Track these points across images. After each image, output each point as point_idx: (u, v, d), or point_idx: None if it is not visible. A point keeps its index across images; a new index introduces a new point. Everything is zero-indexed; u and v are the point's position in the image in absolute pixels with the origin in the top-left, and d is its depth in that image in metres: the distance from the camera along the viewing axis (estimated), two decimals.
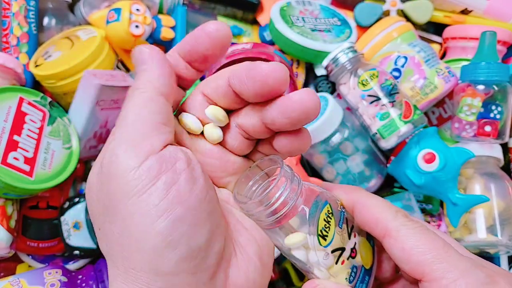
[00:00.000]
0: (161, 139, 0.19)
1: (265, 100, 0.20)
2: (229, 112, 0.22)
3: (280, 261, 0.53)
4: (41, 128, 0.42)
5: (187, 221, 0.18)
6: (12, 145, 0.39)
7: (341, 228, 0.22)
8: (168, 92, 0.20)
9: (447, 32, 0.52)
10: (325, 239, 0.21)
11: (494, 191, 0.45)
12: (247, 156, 0.23)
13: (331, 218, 0.22)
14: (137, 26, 0.45)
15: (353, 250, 0.22)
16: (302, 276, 0.53)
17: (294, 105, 0.19)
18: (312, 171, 0.49)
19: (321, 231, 0.21)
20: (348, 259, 0.22)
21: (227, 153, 0.22)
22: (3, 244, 0.41)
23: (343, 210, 0.23)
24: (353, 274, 0.22)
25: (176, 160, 0.19)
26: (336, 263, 0.21)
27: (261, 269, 0.21)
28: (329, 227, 0.21)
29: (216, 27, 0.20)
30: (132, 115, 0.19)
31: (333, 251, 0.21)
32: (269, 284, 0.49)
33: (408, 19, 0.51)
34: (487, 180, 0.45)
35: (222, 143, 0.22)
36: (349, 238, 0.22)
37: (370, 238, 0.24)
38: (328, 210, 0.22)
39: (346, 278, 0.22)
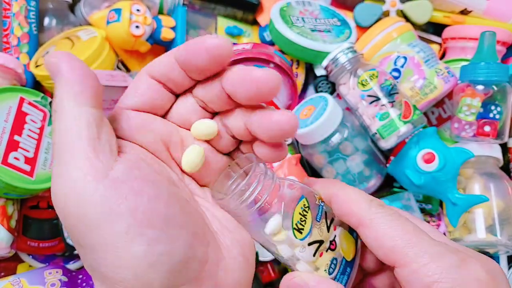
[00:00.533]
0: (103, 159, 0.17)
1: (255, 103, 0.20)
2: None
3: (280, 261, 0.53)
4: (41, 128, 0.42)
5: (162, 240, 0.17)
6: (12, 145, 0.39)
7: (318, 221, 0.23)
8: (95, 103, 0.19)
9: (446, 33, 0.52)
10: (301, 232, 0.22)
11: (494, 191, 0.45)
12: (229, 154, 0.23)
13: (307, 212, 0.22)
14: (137, 27, 0.46)
15: (332, 242, 0.23)
16: None
17: (272, 125, 0.19)
18: (312, 171, 0.49)
19: (296, 224, 0.22)
20: (327, 251, 0.22)
21: (213, 151, 0.22)
22: (4, 244, 0.41)
23: (322, 204, 0.23)
24: (332, 266, 0.22)
25: (133, 180, 0.17)
26: (314, 255, 0.22)
27: (247, 267, 0.21)
28: (305, 220, 0.22)
29: (217, 44, 0.19)
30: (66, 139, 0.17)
31: (310, 244, 0.22)
32: (269, 284, 0.49)
33: (407, 19, 0.51)
34: (486, 180, 0.45)
35: (209, 142, 0.22)
36: (328, 231, 0.23)
37: (352, 230, 0.24)
38: (304, 204, 0.22)
39: (326, 270, 0.22)
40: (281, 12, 0.49)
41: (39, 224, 0.44)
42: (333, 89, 0.50)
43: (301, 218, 0.22)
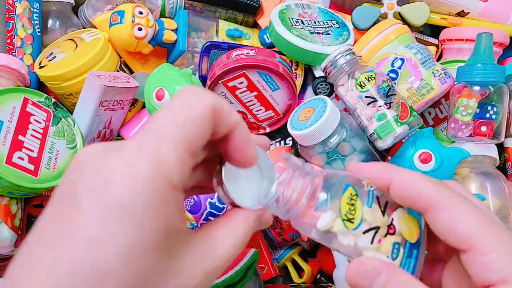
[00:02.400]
0: None
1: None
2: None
3: (280, 259, 0.53)
4: (45, 128, 0.42)
5: None
6: (17, 145, 0.39)
7: (370, 207, 0.22)
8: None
9: (443, 34, 0.53)
10: (352, 222, 0.21)
11: (490, 190, 0.45)
12: None
13: (355, 200, 0.22)
14: (140, 29, 0.46)
15: (390, 226, 0.22)
16: (301, 273, 0.54)
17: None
18: None
19: (345, 215, 0.21)
20: (385, 236, 0.21)
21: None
22: (8, 243, 0.41)
23: (372, 189, 0.22)
24: (395, 250, 0.21)
25: None
26: (372, 242, 0.21)
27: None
28: (354, 209, 0.21)
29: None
30: None
31: (365, 232, 0.21)
32: (269, 281, 0.49)
33: (405, 21, 0.52)
34: (483, 179, 0.46)
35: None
36: (384, 215, 0.22)
37: (413, 210, 0.22)
38: (351, 193, 0.22)
39: (388, 256, 0.21)
40: (280, 14, 0.49)
41: None
42: (331, 90, 0.50)
43: (349, 208, 0.21)
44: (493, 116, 0.44)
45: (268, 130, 0.50)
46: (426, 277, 0.24)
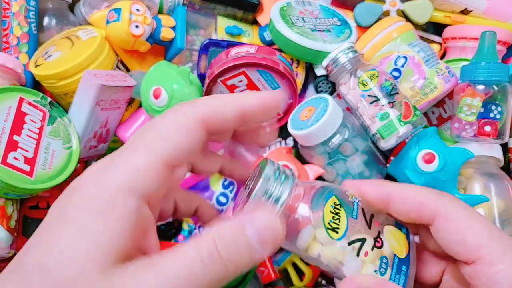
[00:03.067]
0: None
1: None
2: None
3: (280, 262, 0.53)
4: (41, 128, 0.42)
5: None
6: (12, 145, 0.39)
7: (356, 218, 0.21)
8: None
9: (447, 32, 0.52)
10: (337, 232, 0.20)
11: (494, 191, 0.45)
12: None
13: (339, 210, 0.20)
14: (137, 26, 0.45)
15: (377, 239, 0.20)
16: (302, 277, 0.53)
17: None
18: None
19: (329, 224, 0.20)
20: (372, 249, 0.20)
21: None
22: (3, 244, 0.41)
23: (357, 201, 0.21)
24: (383, 265, 0.20)
25: None
26: (358, 255, 0.20)
27: None
28: (338, 218, 0.20)
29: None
30: None
31: (350, 243, 0.20)
32: (269, 284, 0.49)
33: (407, 19, 0.51)
34: (487, 180, 0.45)
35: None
36: (370, 228, 0.21)
37: (400, 226, 0.22)
38: (335, 202, 0.21)
39: (376, 271, 0.20)
40: (281, 12, 0.49)
41: (39, 224, 0.44)
42: (333, 89, 0.50)
43: (333, 217, 0.20)
44: (497, 116, 0.44)
45: (268, 130, 0.50)
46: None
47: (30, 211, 0.45)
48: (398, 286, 0.20)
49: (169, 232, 0.46)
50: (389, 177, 0.47)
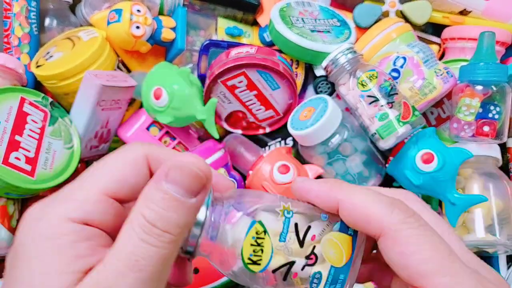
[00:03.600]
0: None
1: None
2: None
3: None
4: (42, 128, 0.42)
5: None
6: (13, 145, 0.39)
7: (284, 241, 0.19)
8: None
9: (445, 33, 0.52)
10: (259, 264, 0.19)
11: (493, 191, 0.45)
12: None
13: (263, 238, 0.19)
14: (137, 27, 0.46)
15: (310, 256, 0.20)
16: None
17: None
18: None
19: (249, 258, 0.19)
20: (303, 269, 0.20)
21: None
22: (4, 244, 0.41)
23: (289, 216, 0.20)
24: (315, 281, 0.20)
25: None
26: (285, 279, 0.19)
27: None
28: (261, 249, 0.19)
29: None
30: None
31: (275, 271, 0.19)
32: None
33: (407, 20, 0.51)
34: (485, 180, 0.45)
35: None
36: (302, 246, 0.20)
37: (346, 226, 0.20)
38: (257, 231, 0.19)
39: None
40: (280, 12, 0.49)
41: None
42: (332, 89, 0.50)
43: (254, 250, 0.19)
44: (496, 116, 0.44)
45: (268, 130, 0.50)
46: (378, 280, 0.23)
47: None
48: None
49: None
50: (389, 177, 0.48)
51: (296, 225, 0.20)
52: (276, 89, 0.46)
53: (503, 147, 0.49)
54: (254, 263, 0.19)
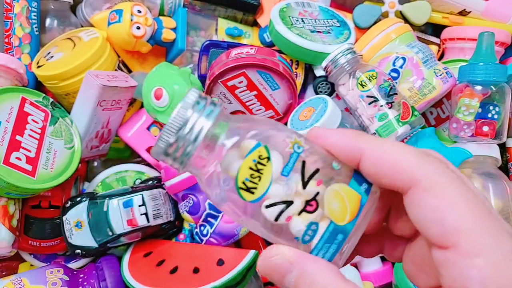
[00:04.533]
0: None
1: None
2: None
3: None
4: (43, 128, 0.42)
5: None
6: (14, 145, 0.39)
7: (286, 176, 0.17)
8: None
9: (445, 33, 0.52)
10: (253, 192, 0.17)
11: (492, 191, 0.45)
12: None
13: (264, 165, 0.17)
14: (138, 28, 0.46)
15: (310, 202, 0.17)
16: None
17: None
18: None
19: (243, 182, 0.17)
20: (300, 214, 0.17)
21: None
22: (5, 243, 0.41)
23: (299, 151, 0.17)
24: (310, 232, 0.17)
25: None
26: (277, 219, 0.17)
27: None
28: (259, 176, 0.17)
29: None
30: None
31: (268, 206, 0.17)
32: (270, 283, 0.49)
33: (406, 20, 0.52)
34: (485, 180, 0.45)
35: None
36: (305, 187, 0.17)
37: (360, 182, 0.18)
38: (260, 155, 0.17)
39: (297, 238, 0.17)
40: (280, 13, 0.49)
41: (41, 224, 0.44)
42: (332, 89, 0.50)
43: (252, 174, 0.17)
44: (495, 116, 0.44)
45: None
46: (389, 253, 0.21)
47: (32, 211, 0.45)
48: (317, 260, 0.17)
49: (170, 231, 0.46)
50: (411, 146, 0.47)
51: (303, 163, 0.17)
52: (276, 89, 0.46)
53: (502, 147, 0.49)
54: (248, 190, 0.17)
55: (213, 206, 0.43)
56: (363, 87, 0.43)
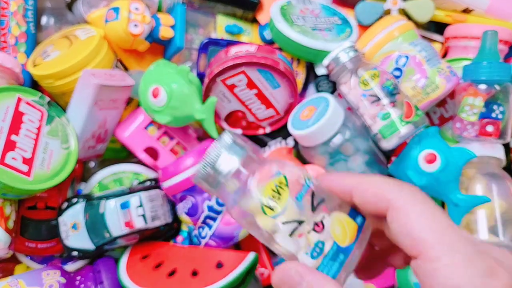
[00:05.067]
0: None
1: None
2: None
3: (281, 263, 0.53)
4: (39, 128, 0.42)
5: None
6: (10, 145, 0.39)
7: (299, 200, 0.22)
8: None
9: (448, 31, 0.52)
10: (272, 209, 0.21)
11: (496, 192, 0.45)
12: None
13: (283, 189, 0.22)
14: (136, 25, 0.45)
15: (317, 224, 0.22)
16: None
17: None
18: None
19: (266, 200, 0.22)
20: (309, 233, 0.21)
21: None
22: (1, 245, 0.41)
23: (309, 184, 0.23)
24: (317, 249, 0.21)
25: None
26: (291, 235, 0.21)
27: None
28: (279, 197, 0.22)
29: None
30: None
31: (285, 223, 0.21)
32: (270, 286, 0.48)
33: (409, 18, 0.51)
34: (489, 181, 0.45)
35: None
36: (313, 211, 0.22)
37: (355, 215, 0.23)
38: (281, 182, 0.22)
39: (307, 253, 0.21)
40: (281, 10, 0.48)
41: (37, 225, 0.44)
42: (334, 88, 0.49)
43: (273, 195, 0.22)
44: (499, 116, 0.44)
45: (268, 129, 0.49)
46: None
47: (28, 212, 0.44)
48: (323, 276, 0.21)
49: (168, 233, 0.45)
50: (391, 177, 0.47)
51: (313, 193, 0.23)
52: (277, 88, 0.46)
53: (506, 147, 0.49)
54: (269, 207, 0.22)
55: (212, 208, 0.42)
56: (365, 86, 0.43)
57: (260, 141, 0.50)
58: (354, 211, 0.23)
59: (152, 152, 0.48)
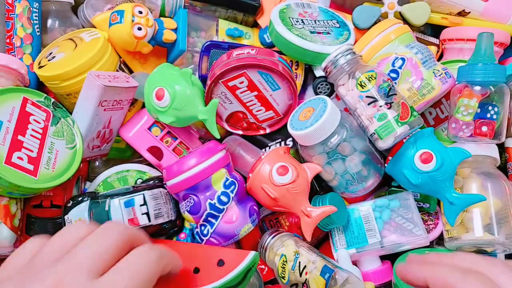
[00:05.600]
0: None
1: None
2: None
3: None
4: (45, 128, 0.42)
5: None
6: (16, 145, 0.39)
7: (293, 270, 0.40)
8: None
9: (444, 34, 0.53)
10: (284, 278, 0.41)
11: (491, 190, 0.45)
12: None
13: (286, 264, 0.40)
14: (139, 28, 0.46)
15: (303, 284, 0.39)
16: None
17: None
18: None
19: (280, 274, 0.41)
20: None
21: None
22: (7, 243, 0.41)
23: (297, 257, 0.40)
24: None
25: None
26: None
27: None
28: (284, 271, 0.40)
29: None
30: None
31: (291, 286, 0.40)
32: (270, 282, 0.49)
33: (405, 21, 0.52)
34: (483, 180, 0.45)
35: None
36: (301, 276, 0.39)
37: (324, 274, 0.38)
38: (284, 261, 0.41)
39: None
40: (280, 14, 0.49)
41: (42, 223, 0.45)
42: (332, 90, 0.50)
43: (281, 270, 0.41)
44: (494, 116, 0.44)
45: (268, 130, 0.50)
46: None
47: (34, 210, 0.45)
48: None
49: (171, 230, 0.46)
50: (388, 177, 0.48)
51: (299, 262, 0.40)
52: (276, 90, 0.47)
53: (501, 146, 0.49)
54: (282, 277, 0.41)
55: (213, 206, 0.43)
56: (363, 88, 0.43)
57: (261, 142, 0.51)
58: (323, 271, 0.40)
59: (157, 152, 0.48)
